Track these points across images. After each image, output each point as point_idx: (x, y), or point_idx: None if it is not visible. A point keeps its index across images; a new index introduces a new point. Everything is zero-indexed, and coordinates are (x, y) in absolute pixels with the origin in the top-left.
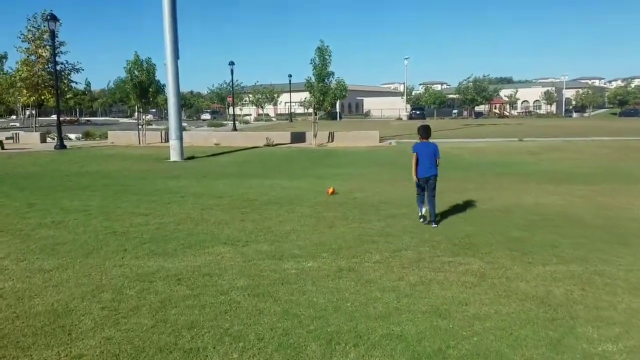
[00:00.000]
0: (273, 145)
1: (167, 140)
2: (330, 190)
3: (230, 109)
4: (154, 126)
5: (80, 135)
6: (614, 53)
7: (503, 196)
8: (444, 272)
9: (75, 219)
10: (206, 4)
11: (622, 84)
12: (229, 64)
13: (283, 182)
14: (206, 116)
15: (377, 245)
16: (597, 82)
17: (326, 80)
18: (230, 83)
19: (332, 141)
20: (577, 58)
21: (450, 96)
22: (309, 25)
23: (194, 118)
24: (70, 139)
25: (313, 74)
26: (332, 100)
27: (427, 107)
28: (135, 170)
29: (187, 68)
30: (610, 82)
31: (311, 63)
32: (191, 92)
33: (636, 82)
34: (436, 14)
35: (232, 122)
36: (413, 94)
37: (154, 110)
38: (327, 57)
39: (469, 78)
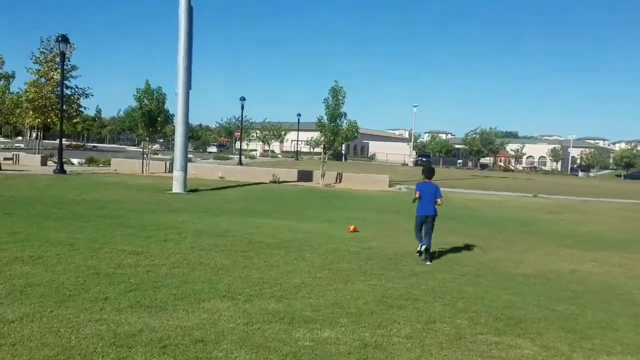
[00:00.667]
0: (279, 182)
1: (171, 171)
2: (352, 228)
3: (237, 143)
4: (159, 156)
5: (83, 161)
6: (617, 115)
7: (534, 259)
8: (492, 358)
9: (58, 254)
10: (220, 47)
11: (627, 147)
12: (240, 99)
13: (290, 223)
14: (213, 149)
15: (405, 312)
16: (600, 143)
17: (338, 121)
18: (239, 118)
19: (340, 182)
20: (581, 118)
21: (457, 146)
22: (319, 67)
23: (201, 150)
24: (72, 163)
25: (325, 114)
26: (343, 141)
27: (433, 154)
28: (133, 201)
29: (197, 102)
30: (614, 143)
31: (324, 102)
32: (200, 125)
33: None
34: (444, 67)
35: (238, 156)
36: (419, 141)
37: (161, 140)
38: (340, 97)
39: (476, 129)
